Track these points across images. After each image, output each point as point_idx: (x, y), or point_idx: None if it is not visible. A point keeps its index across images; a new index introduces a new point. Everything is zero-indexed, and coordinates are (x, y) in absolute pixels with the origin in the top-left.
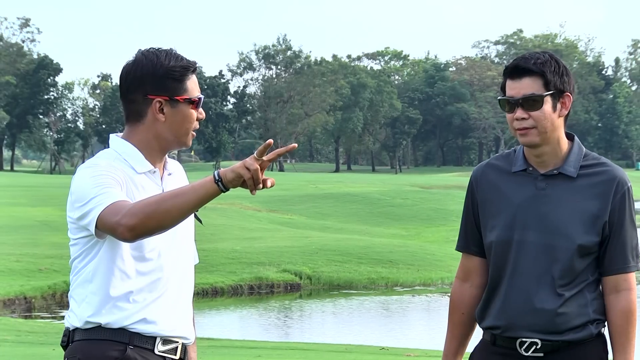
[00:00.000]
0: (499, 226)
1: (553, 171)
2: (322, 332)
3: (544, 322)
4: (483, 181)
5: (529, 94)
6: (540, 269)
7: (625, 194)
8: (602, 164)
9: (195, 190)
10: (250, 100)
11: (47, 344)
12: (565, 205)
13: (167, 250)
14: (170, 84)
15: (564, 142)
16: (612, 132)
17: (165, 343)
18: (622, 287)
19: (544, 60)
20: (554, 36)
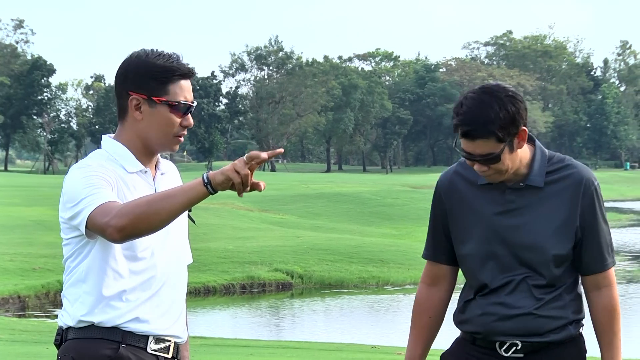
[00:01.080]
0: (471, 240)
1: (520, 184)
2: (313, 330)
3: (523, 326)
4: (451, 192)
5: (486, 154)
6: (516, 279)
7: (593, 194)
8: (567, 166)
9: (185, 192)
10: (242, 101)
11: (40, 342)
12: (535, 216)
13: (160, 249)
14: (151, 83)
15: (526, 155)
16: (600, 133)
17: (158, 342)
18: (602, 285)
19: (493, 118)
20: (543, 37)
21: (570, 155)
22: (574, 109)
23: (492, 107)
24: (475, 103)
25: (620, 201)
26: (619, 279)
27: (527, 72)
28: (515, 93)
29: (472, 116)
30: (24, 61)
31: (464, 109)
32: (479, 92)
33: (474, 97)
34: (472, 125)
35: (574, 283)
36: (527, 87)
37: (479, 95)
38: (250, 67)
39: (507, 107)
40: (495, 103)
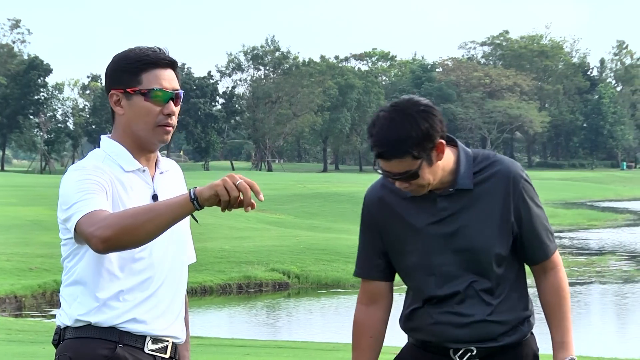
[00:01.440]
0: (410, 254)
1: (449, 190)
2: (310, 330)
3: (477, 333)
4: (381, 207)
5: (403, 172)
6: (463, 286)
7: (522, 187)
8: (493, 163)
9: (171, 208)
10: (238, 101)
11: (37, 342)
12: (471, 219)
13: (158, 249)
14: (125, 76)
15: (450, 161)
16: (597, 133)
17: (155, 342)
18: (548, 268)
19: (405, 137)
20: (540, 37)
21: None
22: (571, 109)
23: (404, 126)
24: (386, 123)
25: (616, 201)
26: (615, 278)
27: (524, 72)
28: (427, 106)
29: (385, 137)
30: (20, 61)
31: (376, 130)
32: (390, 110)
33: (385, 116)
34: (385, 146)
35: (517, 278)
36: (524, 87)
37: (390, 114)
38: (246, 67)
39: (419, 124)
40: (406, 121)
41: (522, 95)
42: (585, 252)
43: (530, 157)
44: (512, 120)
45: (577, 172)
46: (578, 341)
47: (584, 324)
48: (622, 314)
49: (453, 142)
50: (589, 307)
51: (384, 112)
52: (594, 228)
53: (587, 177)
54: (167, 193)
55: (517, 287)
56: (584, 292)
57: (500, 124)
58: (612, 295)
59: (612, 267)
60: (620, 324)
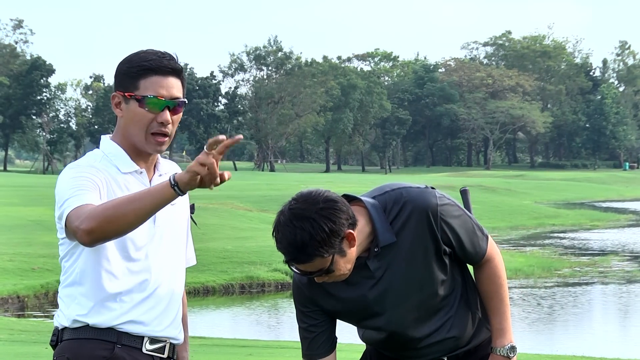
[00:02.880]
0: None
1: (374, 250)
2: None
3: (447, 348)
4: (312, 287)
5: (317, 271)
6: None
7: (440, 215)
8: (404, 205)
9: (152, 195)
10: (241, 101)
11: (39, 342)
12: (406, 268)
13: (156, 250)
14: (125, 79)
15: (364, 227)
16: (599, 133)
17: (153, 342)
18: (484, 262)
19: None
20: (542, 37)
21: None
22: (573, 109)
23: (305, 230)
24: (287, 230)
25: (619, 201)
26: (618, 279)
27: (526, 72)
28: (327, 201)
29: (289, 246)
30: (23, 61)
31: (280, 236)
32: (288, 215)
33: (285, 222)
34: (291, 254)
35: (465, 284)
36: (526, 88)
37: (289, 220)
38: (249, 67)
39: (320, 226)
40: (307, 225)
41: (525, 95)
42: (588, 253)
43: (533, 157)
44: (515, 121)
45: (579, 173)
46: (580, 341)
47: (586, 325)
48: (625, 314)
49: (357, 200)
50: (592, 307)
51: (283, 217)
52: (596, 228)
53: (589, 177)
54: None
55: (465, 291)
56: (586, 292)
57: (503, 125)
58: (614, 295)
59: (614, 268)
60: (623, 325)
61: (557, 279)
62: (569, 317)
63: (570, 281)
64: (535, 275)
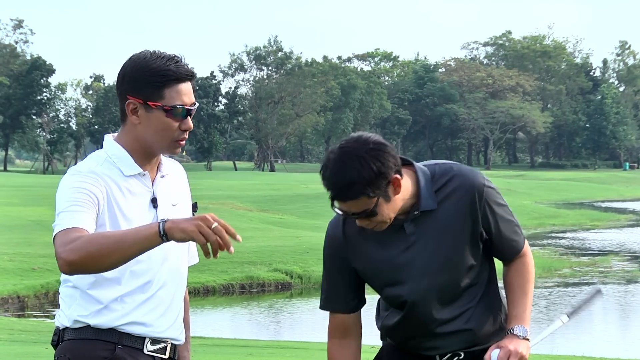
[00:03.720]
0: (389, 283)
1: (414, 213)
2: (312, 330)
3: (463, 341)
4: (346, 242)
5: (361, 212)
6: (443, 303)
7: (486, 196)
8: (452, 177)
9: (139, 241)
10: (241, 101)
11: (39, 342)
12: (440, 239)
13: (158, 251)
14: (147, 87)
15: (409, 186)
16: (599, 133)
17: (154, 343)
18: (517, 258)
19: (356, 180)
20: (543, 37)
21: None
22: (573, 109)
23: (354, 168)
24: (337, 166)
25: (619, 201)
26: (618, 279)
27: (526, 72)
28: (377, 143)
29: (336, 181)
30: (23, 61)
31: (328, 173)
32: (339, 153)
33: (335, 159)
34: (337, 189)
35: (490, 279)
36: (526, 87)
37: (339, 157)
38: (249, 67)
39: (369, 165)
40: (357, 162)
41: (525, 95)
42: (588, 253)
43: (533, 157)
44: (515, 121)
45: (579, 173)
46: (580, 342)
47: (586, 325)
48: (625, 314)
49: (409, 164)
50: (592, 307)
51: (333, 155)
52: (596, 228)
53: (589, 177)
54: (167, 196)
55: (491, 286)
56: (586, 292)
57: (503, 125)
58: (614, 295)
59: (614, 268)
60: (623, 325)
61: (557, 279)
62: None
63: (570, 281)
64: (536, 275)
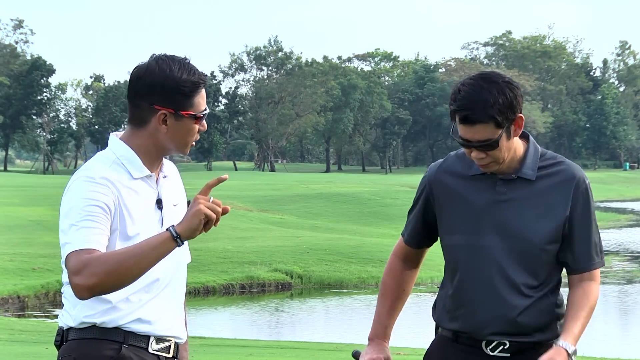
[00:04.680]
0: (460, 231)
1: (512, 175)
2: (312, 330)
3: (512, 325)
4: (440, 184)
5: (484, 140)
6: (504, 274)
7: (584, 192)
8: (560, 162)
9: (156, 249)
10: (241, 101)
11: (40, 342)
12: (526, 209)
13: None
14: (179, 98)
15: (520, 148)
16: (600, 133)
17: (159, 342)
18: (585, 279)
19: (492, 102)
20: (543, 37)
21: (569, 155)
22: (573, 109)
23: (491, 92)
24: (473, 88)
25: (619, 201)
26: (618, 279)
27: (527, 72)
28: (511, 80)
29: (471, 101)
30: (23, 61)
31: (462, 94)
32: (476, 78)
33: (472, 83)
34: (471, 109)
35: (557, 286)
36: (527, 88)
37: (476, 82)
38: (249, 67)
39: (505, 93)
40: (493, 88)
41: (525, 95)
42: None
43: None
44: None
45: None
46: (580, 342)
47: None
48: (625, 314)
49: (525, 136)
50: None
51: (470, 80)
52: None
53: (589, 177)
54: (169, 197)
55: (557, 290)
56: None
57: None
58: (614, 295)
59: (614, 268)
60: (623, 325)
61: None
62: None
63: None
64: None
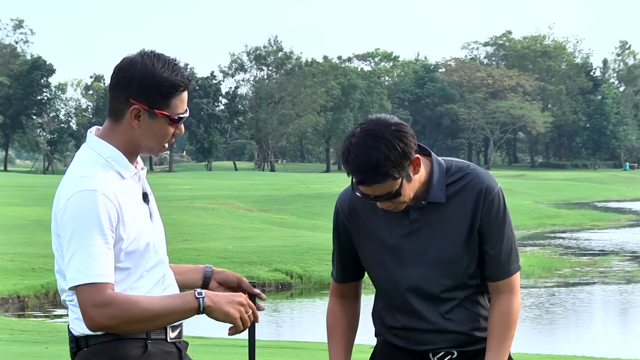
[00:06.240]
0: (380, 267)
1: (422, 202)
2: (313, 330)
3: (453, 339)
4: (352, 215)
5: (385, 194)
6: (432, 296)
7: (493, 200)
8: (466, 175)
9: (178, 315)
10: (241, 101)
11: (40, 342)
12: (442, 232)
13: (161, 245)
14: (155, 95)
15: (423, 173)
16: (600, 133)
17: (174, 329)
18: (502, 290)
19: (384, 161)
20: (543, 37)
21: (569, 155)
22: (573, 109)
23: (380, 150)
24: (361, 150)
25: (619, 201)
26: (618, 279)
27: (527, 72)
28: (398, 125)
29: (362, 164)
30: (23, 61)
31: (352, 157)
32: (362, 136)
33: (358, 142)
34: (364, 173)
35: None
36: (527, 88)
37: (363, 140)
38: (249, 67)
39: (394, 146)
40: (381, 144)
41: (525, 95)
42: (588, 253)
43: (533, 157)
44: (515, 121)
45: (579, 173)
46: (580, 341)
47: (586, 325)
48: (625, 314)
49: (426, 152)
50: (592, 307)
51: (356, 138)
52: (596, 228)
53: (590, 177)
54: (147, 187)
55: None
56: (586, 292)
57: (503, 125)
58: (614, 295)
59: (614, 268)
60: (623, 325)
61: (558, 279)
62: (569, 317)
63: (570, 281)
64: (536, 275)
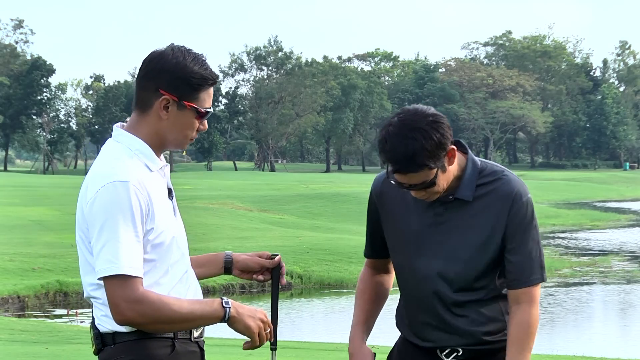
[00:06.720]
0: (401, 252)
1: (449, 197)
2: (313, 330)
3: (461, 337)
4: (382, 200)
5: (420, 183)
6: (444, 297)
7: (521, 207)
8: (498, 179)
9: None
10: (241, 101)
11: (40, 342)
12: (461, 231)
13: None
14: (185, 87)
15: (457, 168)
16: (600, 133)
17: (197, 329)
18: (522, 300)
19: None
20: (543, 37)
21: (569, 155)
22: (573, 109)
23: (417, 140)
24: (398, 139)
25: (619, 201)
26: (618, 279)
27: (527, 72)
28: (435, 115)
29: (399, 153)
30: (23, 61)
31: (389, 147)
32: (399, 125)
33: (395, 132)
34: (400, 163)
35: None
36: (527, 88)
37: (400, 130)
38: (249, 67)
39: (431, 136)
40: (418, 134)
41: (525, 95)
42: (588, 253)
43: (533, 157)
44: (515, 121)
45: (579, 173)
46: (580, 341)
47: (586, 325)
48: (625, 314)
49: (464, 150)
50: (592, 307)
51: (393, 128)
52: (596, 228)
53: (590, 177)
54: (171, 185)
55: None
56: (586, 292)
57: (503, 125)
58: (614, 295)
59: (614, 268)
60: (623, 325)
61: (558, 279)
62: (569, 317)
63: (570, 281)
64: None
